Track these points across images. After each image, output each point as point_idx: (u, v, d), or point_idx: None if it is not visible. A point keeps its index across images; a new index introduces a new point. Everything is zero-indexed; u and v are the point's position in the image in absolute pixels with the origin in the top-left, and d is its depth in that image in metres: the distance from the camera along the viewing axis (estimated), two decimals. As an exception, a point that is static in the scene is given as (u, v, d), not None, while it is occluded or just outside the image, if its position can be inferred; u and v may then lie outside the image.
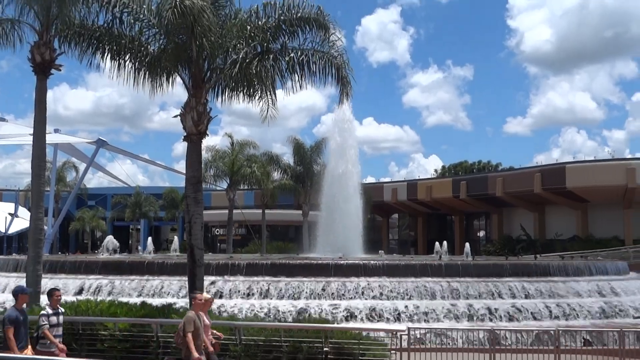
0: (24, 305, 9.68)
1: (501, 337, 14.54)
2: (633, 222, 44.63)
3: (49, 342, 9.63)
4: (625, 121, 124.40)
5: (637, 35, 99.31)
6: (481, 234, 60.52)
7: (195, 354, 9.24)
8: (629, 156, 59.01)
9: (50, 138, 34.76)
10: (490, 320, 18.62)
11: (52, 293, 10.11)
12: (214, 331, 10.56)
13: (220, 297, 19.52)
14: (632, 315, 19.63)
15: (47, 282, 21.06)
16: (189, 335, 9.29)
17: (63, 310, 10.35)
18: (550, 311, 19.55)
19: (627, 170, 42.20)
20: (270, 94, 15.28)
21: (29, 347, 9.50)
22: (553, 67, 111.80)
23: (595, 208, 47.08)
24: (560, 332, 13.42)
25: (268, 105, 15.30)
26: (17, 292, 9.64)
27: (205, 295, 10.64)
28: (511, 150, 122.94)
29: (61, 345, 9.70)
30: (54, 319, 9.80)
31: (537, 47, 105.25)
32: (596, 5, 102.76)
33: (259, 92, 15.32)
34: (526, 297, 20.31)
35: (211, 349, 9.86)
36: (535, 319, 19.14)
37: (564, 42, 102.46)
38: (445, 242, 37.65)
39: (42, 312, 9.92)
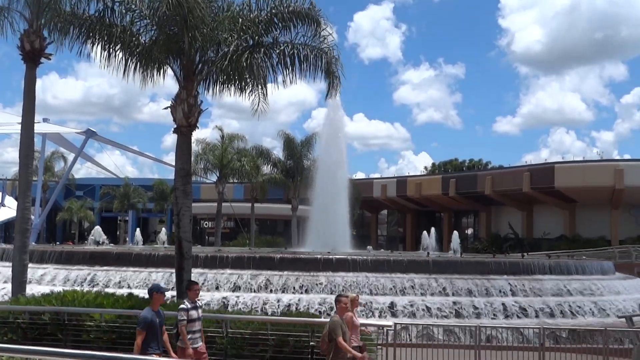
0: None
1: (486, 334, 14.62)
2: (620, 222, 45.01)
3: (189, 337, 9.15)
4: (614, 123, 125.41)
5: (626, 38, 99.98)
6: (469, 231, 60.78)
7: (359, 354, 8.92)
8: (617, 157, 59.50)
9: (39, 127, 34.53)
10: (477, 317, 18.71)
11: (191, 286, 9.61)
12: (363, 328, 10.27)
13: (208, 290, 19.49)
14: (616, 314, 19.78)
15: (34, 272, 21.00)
16: (340, 339, 8.74)
17: (201, 303, 9.86)
18: (536, 309, 19.67)
19: (615, 172, 42.49)
20: (262, 87, 15.27)
21: (169, 349, 8.97)
22: (543, 68, 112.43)
23: (583, 208, 47.41)
24: (545, 330, 13.51)
25: (259, 98, 15.30)
26: (152, 291, 8.92)
27: (351, 294, 10.18)
28: (500, 150, 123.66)
29: (190, 351, 9.08)
30: (193, 313, 9.29)
31: (528, 47, 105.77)
32: (587, 7, 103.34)
33: (250, 85, 15.32)
34: (512, 294, 20.42)
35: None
36: (520, 317, 19.25)
37: (554, 42, 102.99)
38: (433, 229, 37.76)
39: (182, 306, 9.36)
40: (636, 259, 36.57)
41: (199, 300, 9.69)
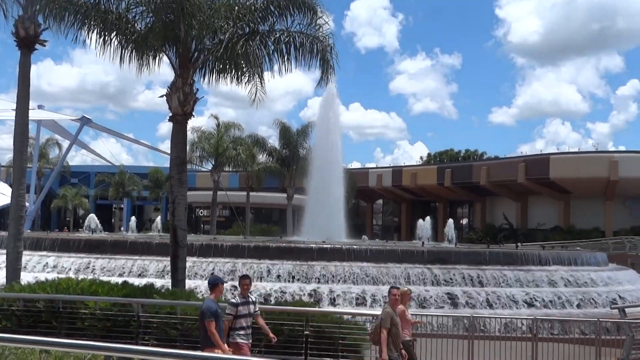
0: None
1: (480, 324, 14.70)
2: (614, 214, 45.18)
3: (237, 332, 8.75)
4: (610, 114, 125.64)
5: (623, 30, 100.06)
6: (464, 221, 60.94)
7: (385, 355, 8.75)
8: (613, 149, 59.66)
9: (34, 114, 34.41)
10: (470, 307, 18.79)
11: (242, 281, 9.10)
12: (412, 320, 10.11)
13: (202, 278, 19.50)
14: (610, 305, 19.90)
15: (29, 259, 20.97)
16: (384, 332, 8.69)
17: (254, 298, 9.25)
18: (529, 300, 19.77)
19: (610, 163, 42.60)
20: (258, 75, 15.20)
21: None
22: (539, 59, 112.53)
23: (578, 199, 47.55)
24: (539, 320, 13.59)
25: (256, 87, 15.24)
26: (214, 282, 8.75)
27: (403, 288, 10.01)
28: (496, 140, 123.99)
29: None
30: (242, 309, 8.81)
31: (525, 38, 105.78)
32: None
33: (247, 74, 15.24)
34: (505, 285, 20.51)
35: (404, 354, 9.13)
36: (513, 307, 19.34)
37: (551, 33, 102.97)
38: (428, 218, 37.84)
39: (232, 300, 9.03)
40: (630, 250, 36.74)
41: (251, 294, 9.15)
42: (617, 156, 43.93)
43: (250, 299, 9.01)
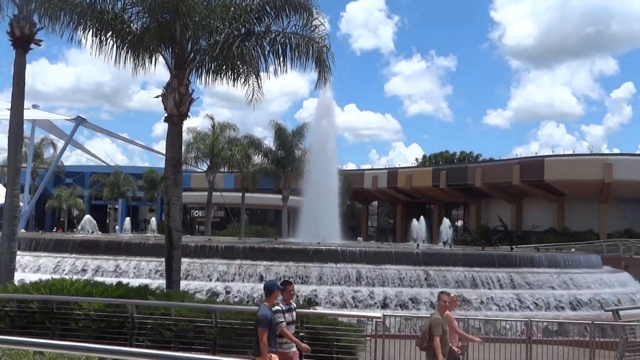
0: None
1: (474, 327, 14.69)
2: (608, 216, 45.35)
3: (285, 341, 8.40)
4: (604, 117, 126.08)
5: (617, 33, 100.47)
6: (459, 223, 61.04)
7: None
8: (607, 151, 59.84)
9: (29, 114, 34.25)
10: (465, 309, 18.80)
11: (286, 286, 8.72)
12: (464, 333, 10.07)
13: (197, 279, 19.48)
14: (604, 308, 19.94)
15: (22, 259, 20.89)
16: (437, 339, 8.47)
17: (295, 305, 9.07)
18: (523, 302, 19.78)
19: (605, 166, 42.75)
20: (255, 76, 15.18)
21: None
22: (534, 61, 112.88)
23: (572, 201, 47.69)
24: (533, 323, 13.60)
25: (253, 88, 15.22)
26: (270, 287, 8.37)
27: (452, 294, 9.79)
28: (491, 142, 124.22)
29: (304, 345, 8.59)
30: (288, 317, 8.52)
31: (519, 41, 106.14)
32: (578, 2, 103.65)
33: (244, 75, 15.22)
34: (499, 287, 20.53)
35: (457, 350, 9.01)
36: (507, 309, 19.36)
37: (545, 36, 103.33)
38: (422, 218, 37.83)
39: (276, 307, 8.49)
40: (623, 253, 36.85)
41: (293, 302, 8.87)
42: (611, 159, 44.10)
43: (292, 306, 8.80)
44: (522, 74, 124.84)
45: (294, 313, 8.80)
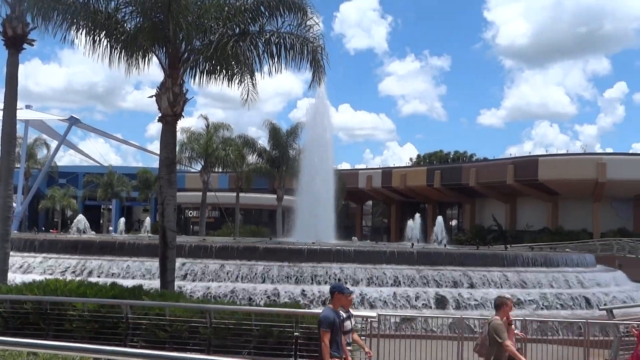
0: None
1: (470, 325, 14.72)
2: (602, 215, 45.52)
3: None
4: (597, 117, 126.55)
5: (610, 33, 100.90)
6: (453, 223, 61.15)
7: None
8: (600, 151, 60.12)
9: (22, 114, 34.15)
10: (459, 308, 18.84)
11: (349, 295, 8.40)
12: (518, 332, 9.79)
13: (193, 280, 19.44)
14: (598, 307, 20.00)
15: (16, 260, 20.80)
16: (508, 342, 8.12)
17: (353, 313, 8.86)
18: (518, 301, 19.81)
19: (598, 165, 42.91)
20: (250, 76, 15.17)
21: (347, 357, 8.12)
22: (528, 61, 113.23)
23: (566, 201, 47.85)
24: (527, 321, 13.64)
25: (248, 88, 15.20)
26: (335, 290, 8.15)
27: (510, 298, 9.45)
28: (485, 142, 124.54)
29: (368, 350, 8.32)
30: (347, 324, 8.28)
31: (513, 41, 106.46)
32: (571, 2, 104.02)
33: (238, 75, 15.20)
34: (495, 286, 20.56)
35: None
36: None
37: (539, 36, 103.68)
38: (417, 215, 37.83)
39: (341, 313, 8.25)
40: (617, 252, 36.97)
41: (351, 309, 8.62)
42: (605, 158, 44.26)
43: (350, 313, 8.62)
44: (516, 74, 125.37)
45: (353, 321, 8.67)
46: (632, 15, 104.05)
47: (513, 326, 9.46)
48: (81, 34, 14.86)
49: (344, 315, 8.28)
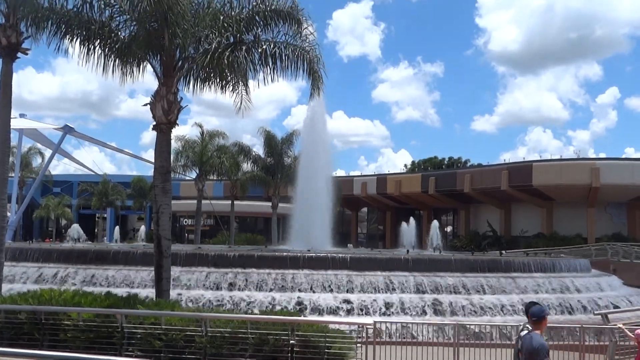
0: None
1: (466, 332, 14.73)
2: (596, 220, 45.65)
3: None
4: (590, 122, 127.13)
5: (601, 38, 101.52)
6: (448, 229, 61.21)
7: None
8: (593, 156, 60.35)
9: (16, 123, 34.08)
10: (456, 314, 18.84)
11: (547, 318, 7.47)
12: None
13: (188, 288, 19.39)
14: (593, 311, 20.04)
15: (11, 270, 20.71)
16: None
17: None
18: (514, 307, 19.84)
19: (592, 170, 43.06)
20: (244, 85, 15.19)
21: None
22: (520, 67, 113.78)
23: (560, 206, 47.97)
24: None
25: (241, 96, 15.22)
26: (541, 315, 7.24)
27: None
28: (478, 148, 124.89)
29: None
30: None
31: (505, 47, 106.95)
32: (562, 7, 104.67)
33: (232, 83, 15.23)
34: (490, 292, 20.58)
35: None
36: (499, 314, 19.41)
37: (530, 42, 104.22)
38: (412, 219, 37.81)
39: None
40: (611, 257, 37.06)
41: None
42: (598, 163, 44.41)
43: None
44: (508, 80, 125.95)
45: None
46: (623, 21, 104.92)
47: None
48: (75, 42, 14.88)
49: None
